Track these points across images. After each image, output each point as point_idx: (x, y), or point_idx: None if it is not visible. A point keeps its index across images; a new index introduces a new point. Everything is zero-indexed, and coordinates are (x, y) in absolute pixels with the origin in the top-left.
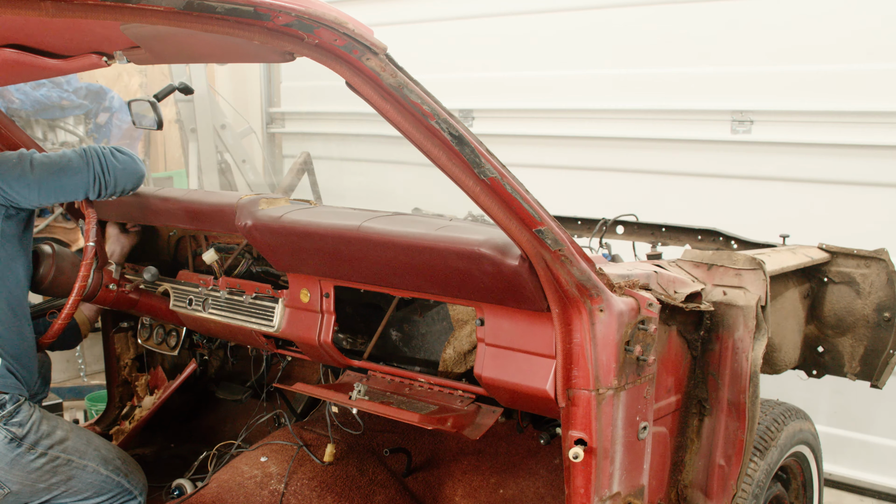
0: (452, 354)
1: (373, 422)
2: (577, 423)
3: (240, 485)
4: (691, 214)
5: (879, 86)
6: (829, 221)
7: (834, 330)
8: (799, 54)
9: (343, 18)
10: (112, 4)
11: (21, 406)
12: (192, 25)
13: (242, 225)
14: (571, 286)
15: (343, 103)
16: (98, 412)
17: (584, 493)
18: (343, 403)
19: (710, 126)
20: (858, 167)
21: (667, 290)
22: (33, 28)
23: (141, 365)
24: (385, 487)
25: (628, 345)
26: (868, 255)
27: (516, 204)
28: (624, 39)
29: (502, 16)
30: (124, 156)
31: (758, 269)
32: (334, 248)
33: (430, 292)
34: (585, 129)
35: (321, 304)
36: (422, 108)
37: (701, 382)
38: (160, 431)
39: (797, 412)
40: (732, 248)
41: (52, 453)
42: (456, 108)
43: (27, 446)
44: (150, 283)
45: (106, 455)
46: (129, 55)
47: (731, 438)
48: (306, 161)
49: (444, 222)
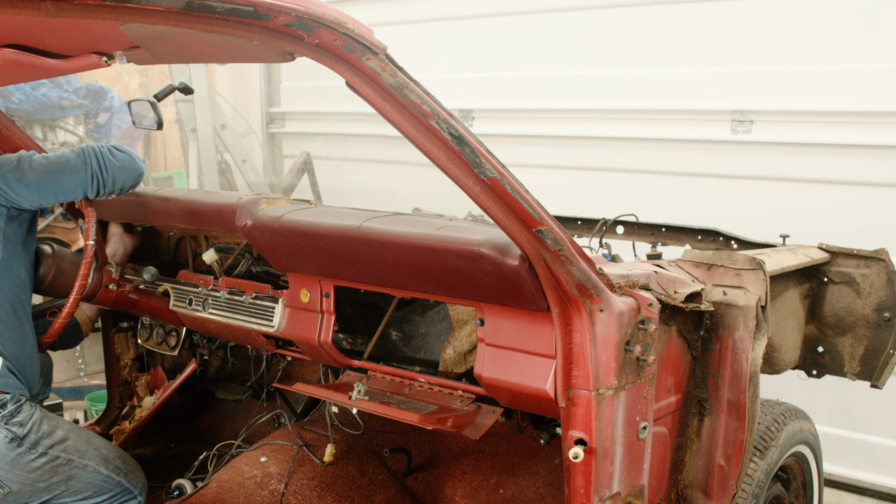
0: (452, 354)
1: (373, 422)
2: (577, 423)
3: (240, 485)
4: (691, 214)
5: (879, 86)
6: (829, 221)
7: (834, 330)
8: (799, 54)
9: (343, 18)
10: (112, 4)
11: (22, 406)
12: (192, 25)
13: (242, 225)
14: (571, 286)
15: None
16: (98, 412)
17: (584, 493)
18: (343, 403)
19: (710, 126)
20: (858, 167)
21: (667, 290)
22: (33, 28)
23: (141, 365)
24: (385, 487)
25: (628, 345)
26: (868, 255)
27: (516, 204)
28: (624, 39)
29: (502, 16)
30: (122, 154)
31: (758, 269)
32: (334, 248)
33: (430, 292)
34: (585, 129)
35: (321, 304)
36: (422, 108)
37: (701, 382)
38: (160, 431)
39: (797, 412)
40: (732, 248)
41: (53, 453)
42: (456, 108)
43: (28, 446)
44: (150, 283)
45: (106, 455)
46: (129, 55)
47: (731, 438)
48: (306, 161)
49: (444, 222)
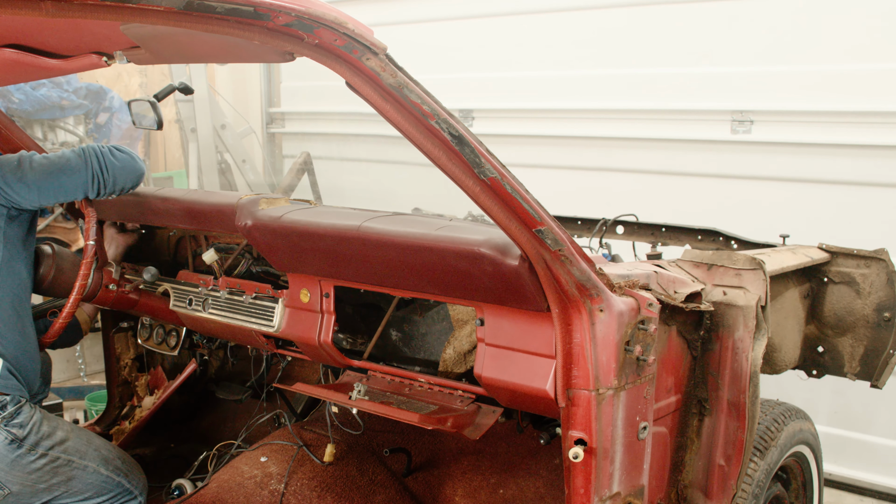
0: (452, 354)
1: (373, 422)
2: (577, 423)
3: (240, 485)
4: (691, 214)
5: (879, 86)
6: (829, 221)
7: (834, 330)
8: (799, 54)
9: (343, 18)
10: (112, 4)
11: (22, 407)
12: (192, 25)
13: (242, 225)
14: (571, 286)
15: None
16: (98, 412)
17: (584, 493)
18: (343, 403)
19: (710, 126)
20: (858, 167)
21: (667, 290)
22: (33, 28)
23: (141, 365)
24: (385, 487)
25: (628, 345)
26: (868, 255)
27: (516, 204)
28: (624, 39)
29: (502, 16)
30: (123, 154)
31: (758, 269)
32: (334, 248)
33: (430, 292)
34: (585, 129)
35: (321, 304)
36: (422, 108)
37: (701, 382)
38: (160, 431)
39: (797, 412)
40: (732, 248)
41: (53, 454)
42: (456, 108)
43: (28, 447)
44: (149, 283)
45: (106, 455)
46: (129, 55)
47: (731, 438)
48: (306, 161)
49: (444, 222)
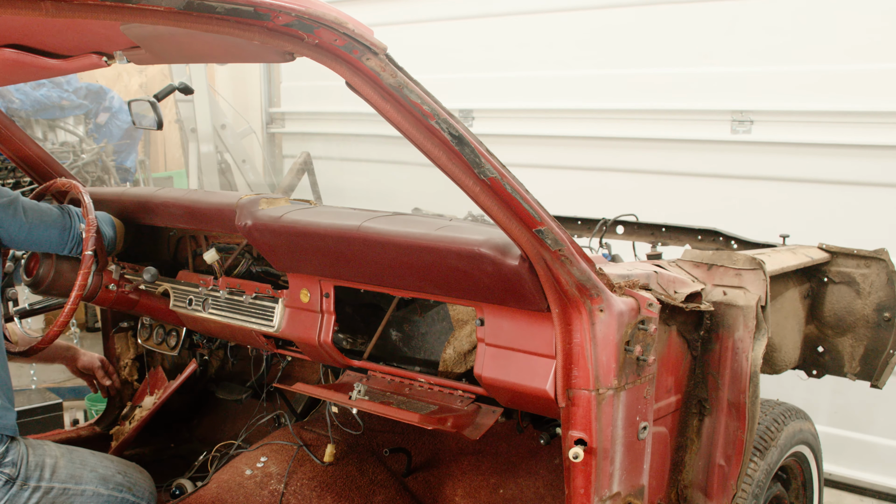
0: (452, 354)
1: (373, 422)
2: (577, 423)
3: (240, 485)
4: (691, 214)
5: (879, 86)
6: (829, 221)
7: (834, 330)
8: (799, 54)
9: (343, 18)
10: (112, 4)
11: (10, 446)
12: (192, 25)
13: (242, 225)
14: (571, 286)
15: (343, 103)
16: (98, 412)
17: (584, 493)
18: (343, 403)
19: (710, 126)
20: (858, 167)
21: (667, 290)
22: (33, 28)
23: (141, 365)
24: (385, 487)
25: (628, 345)
26: (868, 255)
27: (516, 204)
28: (624, 39)
29: (502, 16)
30: None
31: (758, 269)
32: (334, 248)
33: (430, 292)
34: (585, 129)
35: (321, 304)
36: (422, 108)
37: (701, 382)
38: (160, 431)
39: (797, 412)
40: (732, 248)
41: (45, 486)
42: (456, 108)
43: (19, 484)
44: (149, 284)
45: (104, 473)
46: (129, 55)
47: (731, 438)
48: (306, 161)
49: (444, 222)
